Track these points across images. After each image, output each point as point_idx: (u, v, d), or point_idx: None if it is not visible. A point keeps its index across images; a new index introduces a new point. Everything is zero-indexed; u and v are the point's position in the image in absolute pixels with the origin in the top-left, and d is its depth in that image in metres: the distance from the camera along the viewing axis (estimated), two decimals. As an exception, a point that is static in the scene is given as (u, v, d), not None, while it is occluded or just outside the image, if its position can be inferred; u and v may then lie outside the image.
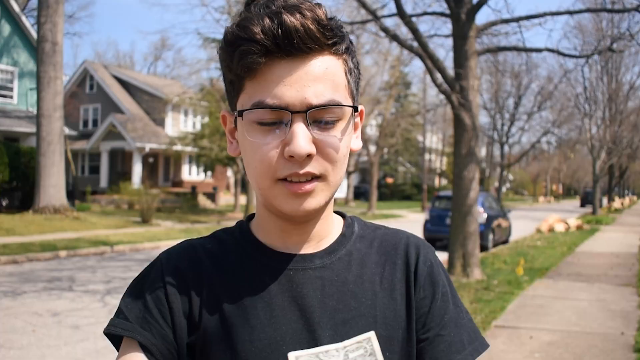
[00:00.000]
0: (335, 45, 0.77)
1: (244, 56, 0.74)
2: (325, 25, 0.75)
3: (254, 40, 0.73)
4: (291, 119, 0.74)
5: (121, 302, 0.85)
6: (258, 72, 0.75)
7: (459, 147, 9.01)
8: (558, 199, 69.42)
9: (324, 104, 0.75)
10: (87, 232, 14.59)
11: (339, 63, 0.79)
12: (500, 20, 9.45)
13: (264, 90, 0.75)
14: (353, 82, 0.82)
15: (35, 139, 16.50)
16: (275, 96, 0.74)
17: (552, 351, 5.23)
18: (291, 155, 0.74)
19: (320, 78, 0.76)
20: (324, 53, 0.77)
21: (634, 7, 9.23)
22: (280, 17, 0.73)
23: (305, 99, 0.74)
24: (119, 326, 0.82)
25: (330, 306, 0.83)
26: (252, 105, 0.76)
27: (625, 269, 10.62)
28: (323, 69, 0.76)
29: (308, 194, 0.78)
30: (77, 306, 6.99)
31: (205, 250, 0.87)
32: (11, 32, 22.79)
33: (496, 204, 16.11)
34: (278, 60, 0.74)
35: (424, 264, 0.90)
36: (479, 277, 8.99)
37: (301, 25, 0.73)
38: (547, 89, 30.30)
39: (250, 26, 0.73)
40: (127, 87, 33.32)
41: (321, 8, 0.76)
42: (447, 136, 48.58)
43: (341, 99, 0.78)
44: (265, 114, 0.76)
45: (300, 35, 0.73)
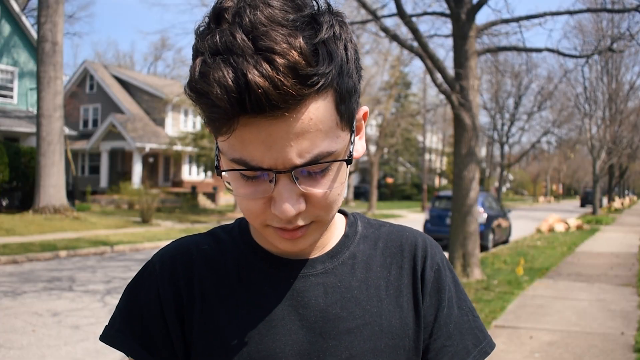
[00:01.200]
0: (320, 87, 0.63)
1: (212, 121, 0.65)
2: (304, 74, 0.61)
3: (217, 105, 0.62)
4: (275, 178, 0.66)
5: (117, 310, 0.83)
6: (232, 132, 0.65)
7: (459, 147, 9.01)
8: (558, 199, 69.42)
9: (308, 162, 0.66)
10: (87, 232, 14.59)
11: (326, 102, 0.66)
12: (500, 20, 9.45)
13: (242, 148, 0.65)
14: (350, 102, 0.69)
15: (35, 139, 16.50)
16: (255, 158, 0.65)
17: (552, 351, 5.23)
18: (279, 215, 0.69)
19: (304, 133, 0.64)
20: (307, 101, 0.63)
21: (634, 7, 9.22)
22: (246, 77, 0.59)
23: (289, 160, 0.65)
24: (118, 339, 0.81)
25: (334, 314, 0.79)
26: (232, 161, 0.67)
27: (625, 269, 10.62)
28: (306, 122, 0.64)
29: (302, 236, 0.74)
30: (77, 306, 6.99)
31: (200, 253, 0.83)
32: (11, 32, 22.80)
33: (496, 204, 16.11)
34: (252, 120, 0.63)
35: (431, 269, 0.86)
36: (479, 277, 9.00)
37: (272, 87, 0.60)
38: (547, 89, 30.32)
39: (211, 88, 0.61)
40: (127, 87, 33.33)
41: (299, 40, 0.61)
42: (447, 136, 48.58)
43: (332, 144, 0.67)
44: (247, 171, 0.67)
45: (272, 98, 0.60)
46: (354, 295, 0.81)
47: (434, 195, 16.42)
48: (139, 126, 29.79)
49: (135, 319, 0.81)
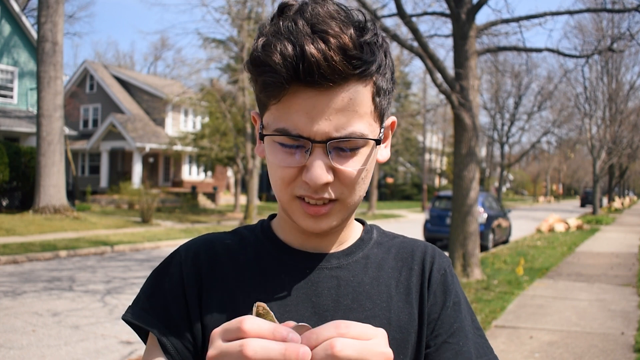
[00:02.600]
0: (363, 72, 0.75)
1: (265, 85, 0.75)
2: (351, 55, 0.72)
3: (275, 71, 0.72)
4: (311, 147, 0.75)
5: (142, 291, 0.88)
6: (281, 98, 0.75)
7: (459, 147, 9.01)
8: (558, 199, 69.41)
9: (343, 136, 0.75)
10: (87, 232, 14.59)
11: (366, 89, 0.76)
12: (500, 20, 9.45)
13: (286, 118, 0.75)
14: (384, 100, 0.80)
15: (35, 139, 16.50)
16: (297, 126, 0.75)
17: (552, 351, 5.23)
18: (308, 182, 0.76)
19: (343, 110, 0.74)
20: (350, 82, 0.74)
21: (634, 7, 9.22)
22: (303, 47, 0.71)
23: (326, 132, 0.74)
24: (141, 317, 0.85)
25: (345, 305, 0.84)
26: (275, 131, 0.77)
27: (625, 269, 10.62)
28: (346, 100, 0.74)
29: (324, 215, 0.80)
30: (77, 306, 6.99)
31: (223, 245, 0.90)
32: (11, 32, 22.80)
33: (496, 204, 16.11)
34: (302, 89, 0.74)
35: (438, 272, 0.90)
36: (479, 277, 8.99)
37: (324, 59, 0.71)
38: (547, 89, 30.34)
39: (271, 55, 0.72)
40: (127, 87, 33.33)
41: (349, 30, 0.73)
42: (447, 136, 48.58)
43: (365, 128, 0.77)
44: (287, 140, 0.77)
45: (323, 69, 0.71)
46: (365, 290, 0.86)
47: (434, 195, 16.41)
48: (139, 126, 29.79)
49: (158, 299, 0.86)
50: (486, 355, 0.89)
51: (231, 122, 21.64)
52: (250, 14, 19.77)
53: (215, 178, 34.84)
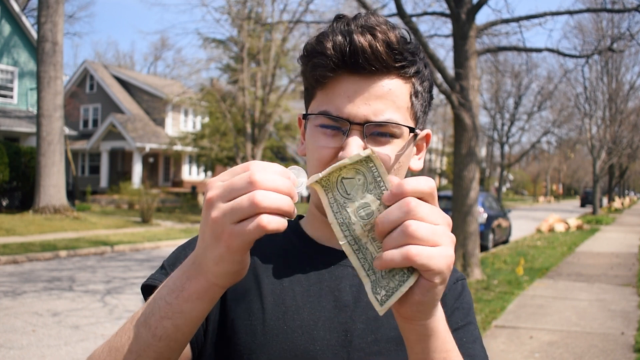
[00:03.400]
0: (403, 68, 0.82)
1: (315, 68, 0.82)
2: (394, 48, 0.80)
3: (325, 54, 0.80)
4: (349, 129, 0.80)
5: (165, 261, 0.91)
6: (327, 84, 0.82)
7: (459, 147, 9.01)
8: (558, 199, 69.37)
9: (380, 121, 0.80)
10: (87, 232, 14.58)
11: (405, 86, 0.83)
12: (500, 20, 9.45)
13: (330, 101, 0.82)
14: (419, 104, 0.86)
15: (35, 139, 16.49)
16: (339, 108, 0.81)
17: (552, 351, 5.23)
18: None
19: (382, 97, 0.81)
20: (391, 75, 0.82)
21: (634, 7, 9.22)
22: (352, 36, 0.79)
23: (365, 115, 0.80)
24: (157, 277, 0.87)
25: (365, 302, 0.87)
26: (318, 112, 0.83)
27: (625, 269, 10.62)
28: (386, 89, 0.81)
29: None
30: (77, 306, 6.99)
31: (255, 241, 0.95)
32: (11, 32, 22.79)
33: (496, 204, 16.10)
34: (346, 76, 0.81)
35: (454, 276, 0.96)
36: (479, 277, 8.99)
37: (369, 46, 0.78)
38: (547, 89, 30.32)
39: (324, 41, 0.81)
40: (127, 87, 33.32)
41: (396, 31, 0.80)
42: (447, 136, 48.57)
43: (400, 119, 0.82)
44: (328, 121, 0.82)
45: (367, 55, 0.78)
46: None
47: (434, 195, 16.37)
48: (139, 126, 29.78)
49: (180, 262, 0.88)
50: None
51: (231, 122, 21.62)
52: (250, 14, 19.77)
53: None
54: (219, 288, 0.66)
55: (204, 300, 0.66)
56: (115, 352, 0.69)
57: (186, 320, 0.67)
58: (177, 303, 0.66)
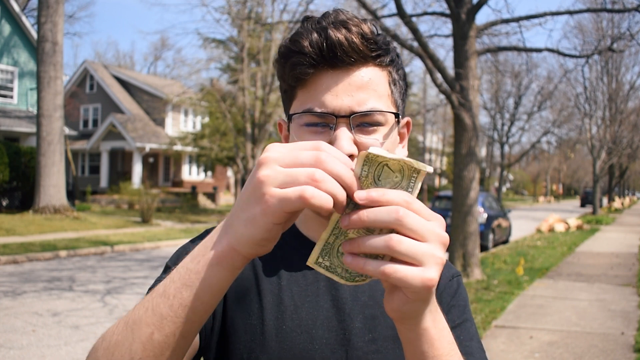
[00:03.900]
0: (379, 57, 0.84)
1: (294, 67, 0.82)
2: (369, 39, 0.81)
3: (303, 52, 0.81)
4: (336, 123, 0.81)
5: (168, 261, 0.91)
6: (307, 82, 0.83)
7: (459, 147, 9.01)
8: (558, 199, 69.36)
9: (366, 110, 0.82)
10: (87, 232, 14.58)
11: (382, 74, 0.85)
12: (500, 20, 9.45)
13: (312, 98, 0.82)
14: (397, 92, 0.88)
15: (35, 139, 16.49)
16: (323, 104, 0.81)
17: (552, 351, 5.23)
18: None
19: (364, 87, 0.82)
20: (368, 65, 0.83)
21: (634, 7, 9.22)
22: (327, 31, 0.80)
23: (349, 107, 0.81)
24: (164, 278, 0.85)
25: (362, 301, 0.90)
26: (302, 111, 0.83)
27: (625, 269, 10.62)
28: (367, 79, 0.83)
29: None
30: (77, 306, 6.99)
31: None
32: (11, 32, 22.79)
33: (496, 204, 16.11)
34: (325, 71, 0.82)
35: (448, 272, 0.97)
36: (479, 277, 8.99)
37: (345, 39, 0.80)
38: (547, 89, 30.30)
39: (300, 40, 0.81)
40: (127, 87, 33.32)
41: (367, 24, 0.82)
42: (447, 136, 48.55)
43: (383, 107, 0.84)
44: (313, 118, 0.83)
45: (344, 48, 0.80)
46: (381, 288, 0.89)
47: (434, 195, 16.41)
48: (139, 126, 29.78)
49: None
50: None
51: (231, 122, 21.63)
52: (250, 14, 19.78)
53: (215, 178, 34.83)
54: (240, 257, 0.63)
55: (224, 266, 0.63)
56: (132, 325, 0.66)
57: (205, 288, 0.64)
58: (197, 269, 0.64)
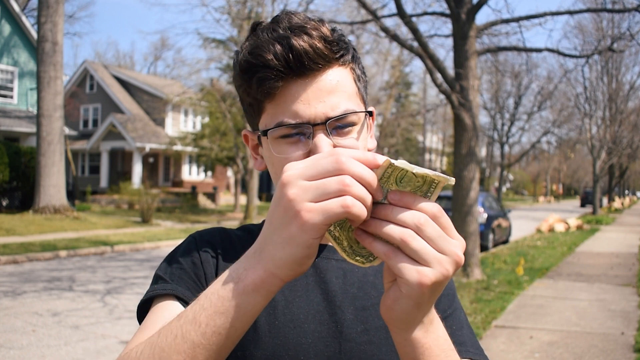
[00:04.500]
0: (342, 57, 0.83)
1: (262, 82, 0.80)
2: (331, 41, 0.81)
3: (268, 66, 0.78)
4: (312, 131, 0.80)
5: (157, 271, 0.89)
6: (277, 94, 0.81)
7: (459, 147, 9.01)
8: (558, 199, 69.36)
9: (340, 114, 0.81)
10: (87, 232, 14.58)
11: (347, 72, 0.84)
12: (500, 20, 9.45)
13: (284, 110, 0.81)
14: (362, 86, 0.88)
15: (35, 139, 16.50)
16: (296, 114, 0.80)
17: (552, 351, 5.23)
18: None
19: (334, 90, 0.81)
20: (333, 66, 0.82)
21: (634, 7, 9.22)
22: (289, 41, 0.78)
23: (324, 113, 0.80)
24: (159, 288, 0.84)
25: (351, 293, 0.89)
26: (276, 125, 0.81)
27: (625, 269, 10.62)
28: (335, 82, 0.82)
29: None
30: (77, 306, 6.99)
31: (235, 236, 0.95)
32: (11, 32, 22.79)
33: (496, 203, 16.10)
34: (293, 81, 0.80)
35: None
36: (479, 277, 8.99)
37: (310, 47, 0.78)
38: (547, 89, 30.29)
39: (262, 54, 0.79)
40: (127, 87, 33.32)
41: (325, 25, 0.81)
42: (447, 136, 48.55)
43: (355, 106, 0.83)
44: (289, 130, 0.81)
45: (310, 56, 0.78)
46: (370, 280, 0.92)
47: (434, 195, 16.37)
48: (139, 126, 29.78)
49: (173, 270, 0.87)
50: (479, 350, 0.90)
51: (231, 122, 21.63)
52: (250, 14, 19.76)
53: (215, 178, 34.82)
54: (278, 280, 0.62)
55: (261, 293, 0.62)
56: (160, 353, 0.64)
57: (240, 316, 0.63)
58: (231, 296, 0.63)
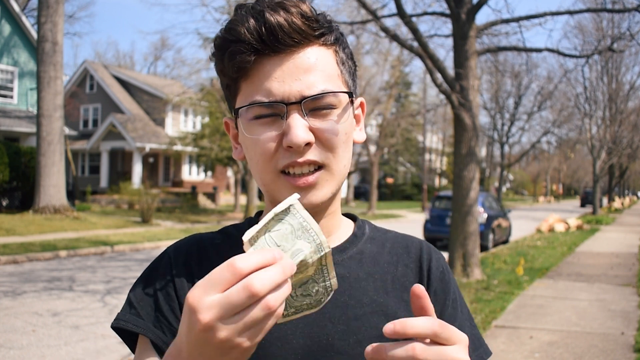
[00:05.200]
0: (322, 36, 0.78)
1: (233, 56, 0.76)
2: (310, 17, 0.76)
3: (241, 40, 0.75)
4: (287, 111, 0.75)
5: (131, 295, 0.84)
6: (249, 71, 0.76)
7: (459, 147, 9.01)
8: (558, 199, 69.36)
9: (317, 93, 0.76)
10: (87, 232, 14.58)
11: (329, 53, 0.79)
12: (500, 20, 9.45)
13: (257, 88, 0.76)
14: (346, 71, 0.83)
15: (36, 139, 16.50)
16: (270, 92, 0.75)
17: (552, 351, 5.23)
18: (290, 145, 0.75)
19: (311, 69, 0.76)
20: (313, 45, 0.78)
21: (634, 7, 9.22)
22: (264, 15, 0.74)
23: (299, 92, 0.75)
24: (131, 322, 0.81)
25: (342, 302, 0.82)
26: (249, 104, 0.77)
27: (625, 269, 10.62)
28: (313, 60, 0.77)
29: (312, 186, 0.78)
30: (77, 306, 6.99)
31: (213, 245, 0.88)
32: (11, 32, 22.79)
33: (496, 204, 16.10)
34: (267, 58, 0.76)
35: (437, 270, 0.91)
36: (479, 277, 8.99)
37: (285, 21, 0.74)
38: (547, 89, 30.30)
39: (236, 27, 0.75)
40: (127, 87, 33.33)
41: (306, 3, 0.77)
42: (447, 136, 48.56)
43: (334, 88, 0.78)
44: (262, 110, 0.76)
45: (285, 30, 0.74)
46: (362, 286, 0.85)
47: (434, 195, 16.42)
48: (139, 126, 29.78)
49: (148, 302, 0.82)
50: (481, 346, 0.90)
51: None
52: (250, 14, 19.79)
53: (215, 178, 34.82)
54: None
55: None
56: None
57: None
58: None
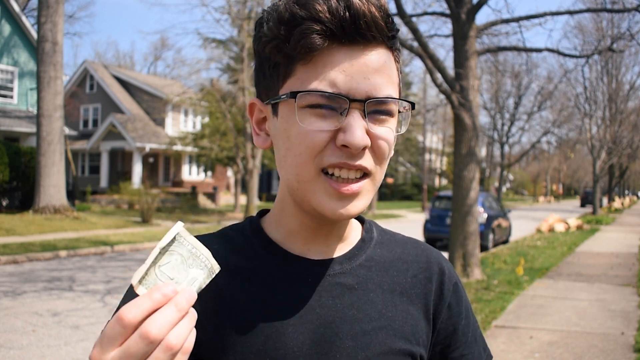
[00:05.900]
0: (393, 38, 0.73)
1: (304, 36, 0.67)
2: (389, 15, 0.71)
3: (318, 20, 0.67)
4: (348, 107, 0.69)
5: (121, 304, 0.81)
6: (315, 56, 0.69)
7: (459, 147, 9.01)
8: (558, 199, 69.37)
9: (383, 96, 0.70)
10: (87, 232, 14.58)
11: (392, 59, 0.74)
12: (501, 20, 9.45)
13: (321, 76, 0.69)
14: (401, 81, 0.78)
15: (35, 139, 16.49)
16: (335, 84, 0.68)
17: (552, 351, 5.23)
18: (345, 145, 0.69)
19: (379, 71, 0.70)
20: (381, 46, 0.71)
21: (634, 7, 9.22)
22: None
23: (366, 91, 0.69)
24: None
25: (350, 316, 0.77)
26: (310, 90, 0.69)
27: (625, 269, 10.62)
28: (382, 62, 0.71)
29: (354, 195, 0.72)
30: (77, 306, 6.99)
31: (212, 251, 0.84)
32: (11, 32, 22.79)
33: (496, 203, 16.10)
34: (338, 46, 0.69)
35: (450, 282, 0.88)
36: (479, 277, 8.99)
37: (368, 11, 0.68)
38: (547, 89, 30.33)
39: (314, 4, 0.67)
40: (127, 87, 33.33)
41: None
42: (447, 136, 48.57)
43: (396, 95, 0.73)
44: (321, 99, 0.69)
45: (367, 21, 0.68)
46: (370, 298, 0.80)
47: (434, 195, 16.41)
48: (139, 126, 29.79)
49: None
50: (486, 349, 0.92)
51: (231, 122, 21.62)
52: (250, 14, 19.76)
53: (215, 178, 34.83)
54: None
55: None
56: None
57: None
58: None
